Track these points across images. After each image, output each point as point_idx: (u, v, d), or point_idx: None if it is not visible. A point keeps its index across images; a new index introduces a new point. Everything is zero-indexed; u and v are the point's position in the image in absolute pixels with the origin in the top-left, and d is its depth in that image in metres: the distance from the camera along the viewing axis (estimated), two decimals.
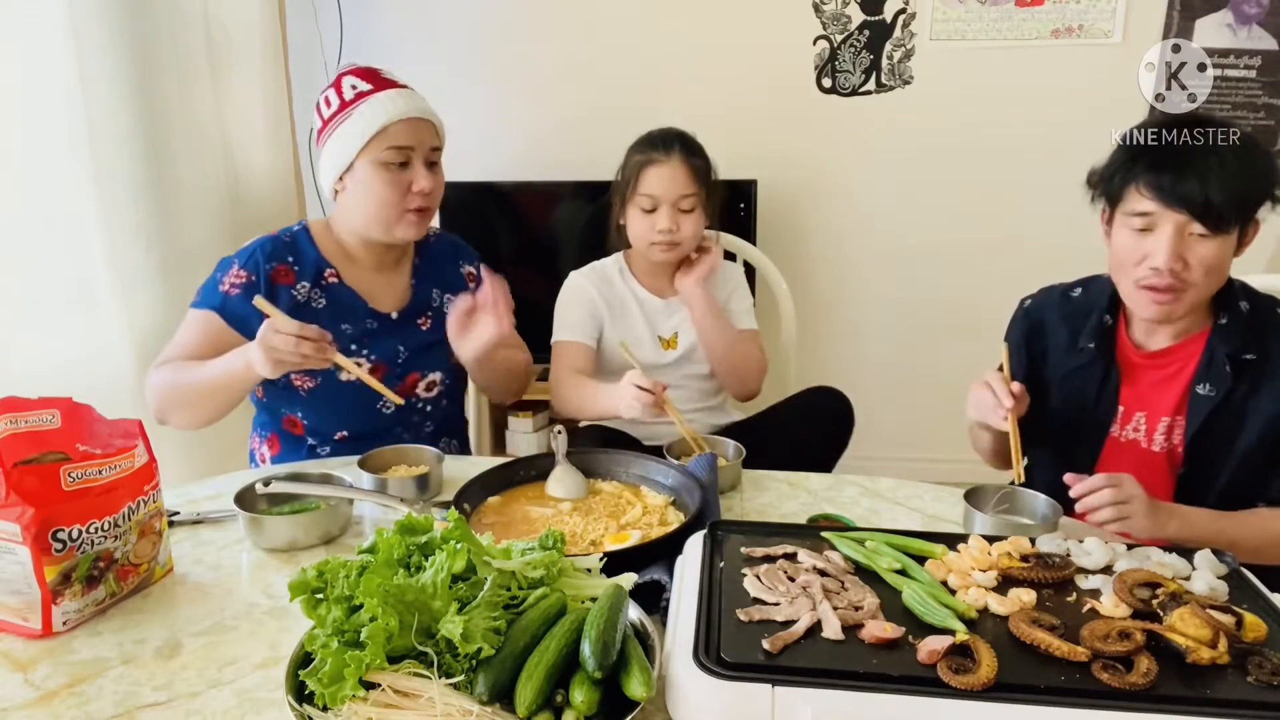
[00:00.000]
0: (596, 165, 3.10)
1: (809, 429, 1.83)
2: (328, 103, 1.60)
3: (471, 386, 2.00)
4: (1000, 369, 1.43)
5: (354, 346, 1.63)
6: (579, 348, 1.86)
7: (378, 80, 1.59)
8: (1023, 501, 1.32)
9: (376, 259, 1.69)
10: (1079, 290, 1.59)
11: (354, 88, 1.58)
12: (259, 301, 1.45)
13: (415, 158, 1.60)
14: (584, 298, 1.90)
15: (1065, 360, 1.55)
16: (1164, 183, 1.31)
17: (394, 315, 1.69)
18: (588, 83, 3.11)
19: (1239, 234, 1.34)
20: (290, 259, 1.63)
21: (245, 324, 1.55)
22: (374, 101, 1.56)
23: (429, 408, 1.75)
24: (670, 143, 1.82)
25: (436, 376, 1.73)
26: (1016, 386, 1.38)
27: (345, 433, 1.67)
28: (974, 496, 1.32)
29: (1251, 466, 1.40)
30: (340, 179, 1.61)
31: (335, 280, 1.65)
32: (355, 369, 1.49)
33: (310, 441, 1.69)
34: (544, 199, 3.10)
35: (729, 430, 1.85)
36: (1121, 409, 1.49)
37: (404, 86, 1.61)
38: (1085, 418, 1.52)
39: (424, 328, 1.72)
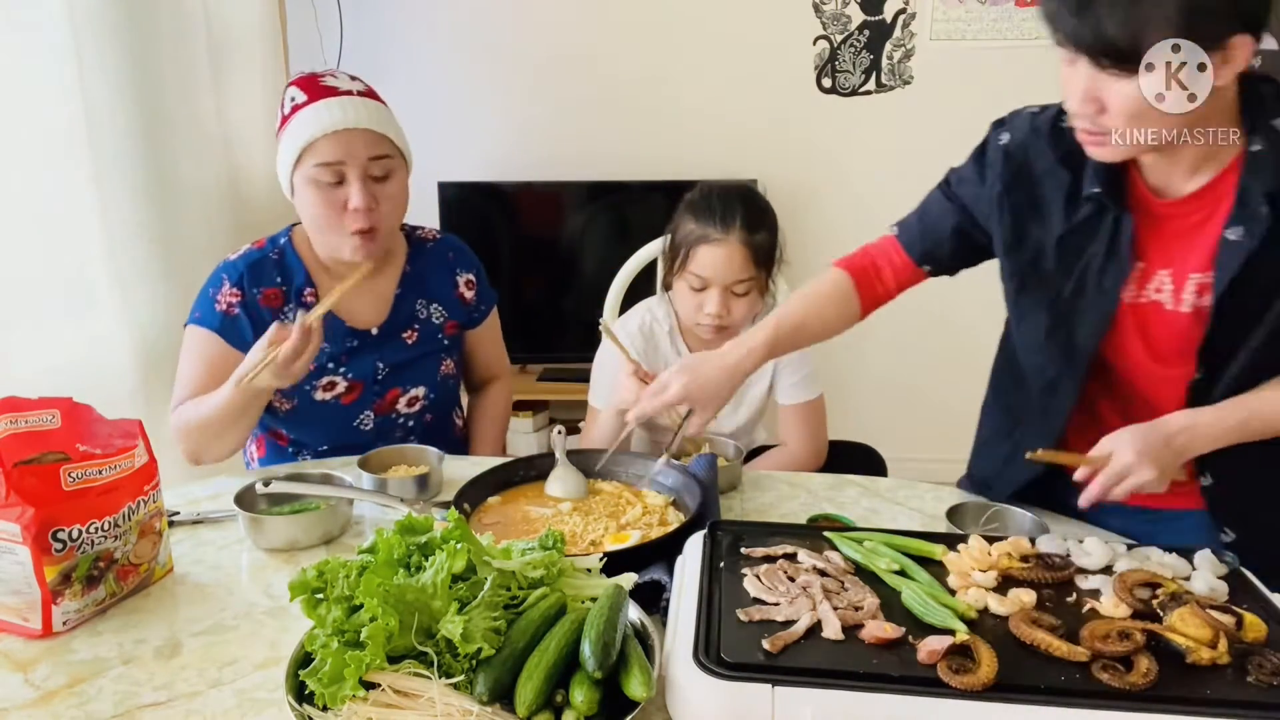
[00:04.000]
0: (598, 166, 3.12)
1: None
2: (277, 117, 1.52)
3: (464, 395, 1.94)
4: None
5: (331, 365, 1.59)
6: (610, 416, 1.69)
7: (315, 89, 1.49)
8: (1009, 519, 1.28)
9: (353, 269, 1.57)
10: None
11: (292, 100, 1.49)
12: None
13: (349, 173, 1.47)
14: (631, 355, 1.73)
15: (1066, 214, 1.24)
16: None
17: (374, 331, 1.62)
18: (589, 83, 3.11)
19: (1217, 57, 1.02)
20: (279, 278, 1.57)
21: (246, 344, 1.49)
22: (303, 116, 1.46)
23: (410, 423, 1.68)
24: (730, 216, 1.61)
25: (419, 392, 1.67)
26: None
27: (326, 446, 1.64)
28: (957, 515, 1.28)
29: None
30: (292, 195, 1.54)
31: (313, 301, 1.57)
32: (322, 307, 1.41)
33: (291, 451, 1.67)
34: (546, 199, 3.10)
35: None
36: (1141, 265, 1.21)
37: (345, 93, 1.49)
38: (1090, 285, 1.24)
39: (409, 341, 1.65)
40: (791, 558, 1.03)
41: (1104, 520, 1.33)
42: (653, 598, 1.05)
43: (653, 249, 2.04)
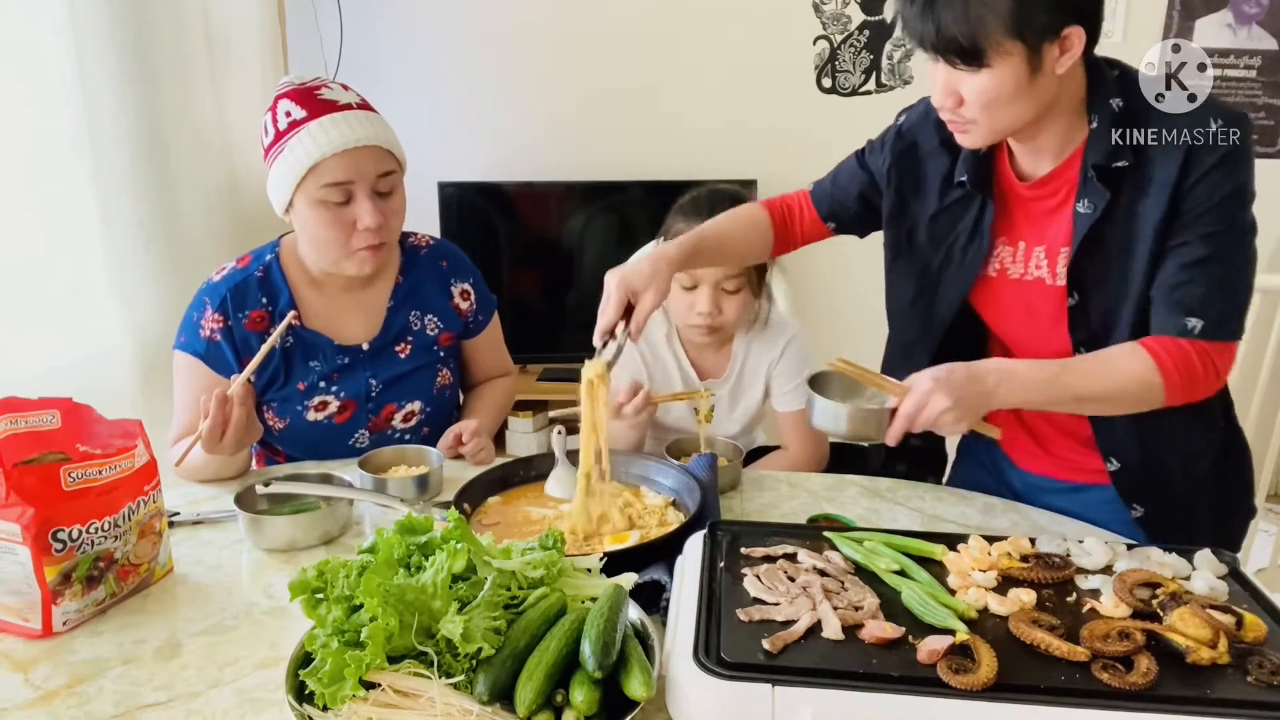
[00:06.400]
0: (598, 166, 3.12)
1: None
2: (265, 130, 1.47)
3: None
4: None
5: (322, 384, 1.56)
6: None
7: (313, 104, 1.43)
8: (869, 390, 1.26)
9: (345, 281, 1.57)
10: None
11: (288, 114, 1.43)
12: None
13: (358, 191, 1.44)
14: (629, 361, 1.74)
15: (940, 194, 1.36)
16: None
17: (365, 346, 1.58)
18: (589, 83, 3.11)
19: (1032, 55, 1.11)
20: (264, 299, 1.52)
21: (230, 370, 1.49)
22: (305, 134, 1.41)
23: (407, 437, 1.64)
24: (719, 213, 1.57)
25: (415, 406, 1.63)
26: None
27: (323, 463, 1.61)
28: (819, 384, 1.27)
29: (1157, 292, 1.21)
30: (285, 211, 1.50)
31: (298, 323, 1.53)
32: (245, 373, 1.41)
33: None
34: (546, 200, 3.10)
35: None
36: (1023, 244, 1.31)
37: (345, 107, 1.44)
38: (954, 261, 1.36)
39: (402, 355, 1.62)
40: (791, 558, 1.03)
41: (1039, 498, 1.45)
42: (653, 598, 1.05)
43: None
